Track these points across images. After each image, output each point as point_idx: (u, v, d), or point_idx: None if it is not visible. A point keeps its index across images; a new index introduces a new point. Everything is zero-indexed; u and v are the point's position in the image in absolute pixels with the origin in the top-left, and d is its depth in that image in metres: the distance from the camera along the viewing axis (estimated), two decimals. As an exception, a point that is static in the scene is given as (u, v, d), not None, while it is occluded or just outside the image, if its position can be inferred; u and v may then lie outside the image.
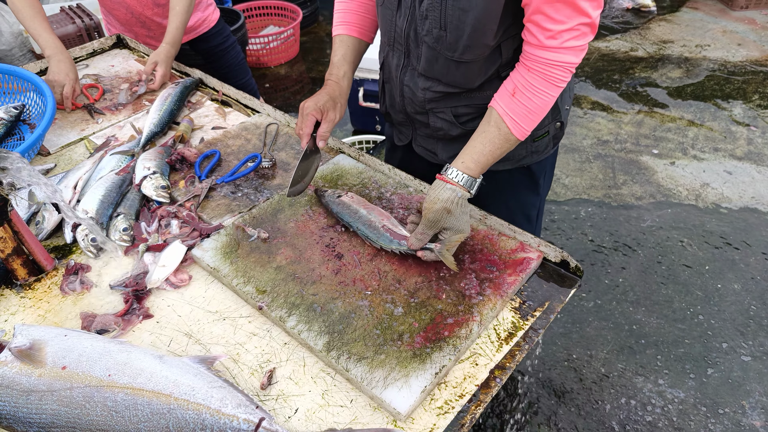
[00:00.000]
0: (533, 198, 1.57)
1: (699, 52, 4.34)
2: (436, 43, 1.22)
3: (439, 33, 1.20)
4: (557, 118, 1.39)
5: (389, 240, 1.22)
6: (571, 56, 1.09)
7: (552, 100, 1.15)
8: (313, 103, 1.31)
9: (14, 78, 1.78)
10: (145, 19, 2.17)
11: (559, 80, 1.12)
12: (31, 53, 4.02)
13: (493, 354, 1.06)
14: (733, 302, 2.44)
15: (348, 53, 1.40)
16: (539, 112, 1.16)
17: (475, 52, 1.20)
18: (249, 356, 1.07)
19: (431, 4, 1.16)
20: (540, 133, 1.38)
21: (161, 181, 1.42)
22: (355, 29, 1.40)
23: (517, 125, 1.16)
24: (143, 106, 1.86)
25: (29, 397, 0.89)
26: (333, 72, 1.39)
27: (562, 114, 1.40)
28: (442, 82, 1.30)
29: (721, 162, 3.24)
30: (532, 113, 1.15)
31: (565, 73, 1.11)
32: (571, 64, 1.11)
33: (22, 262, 1.22)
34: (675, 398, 2.11)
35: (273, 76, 4.32)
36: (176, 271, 1.23)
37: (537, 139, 1.40)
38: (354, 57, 1.41)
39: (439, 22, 1.18)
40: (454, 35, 1.18)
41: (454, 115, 1.35)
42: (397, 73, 1.37)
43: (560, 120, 1.41)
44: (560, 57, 1.09)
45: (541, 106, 1.15)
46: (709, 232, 2.79)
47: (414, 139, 1.51)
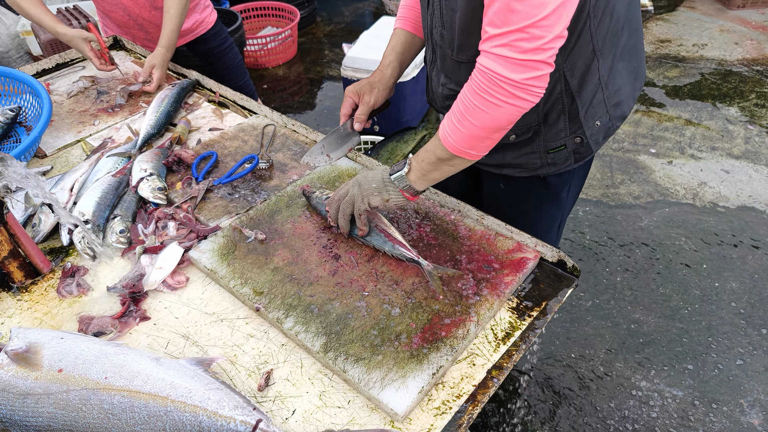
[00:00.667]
0: (554, 210, 1.51)
1: (696, 51, 4.34)
2: (441, 40, 1.26)
3: (441, 31, 1.24)
4: (577, 132, 1.27)
5: (383, 241, 1.22)
6: (498, 66, 0.96)
7: (480, 114, 1.01)
8: (354, 87, 1.40)
9: (10, 80, 1.77)
10: (143, 22, 2.17)
11: (484, 90, 0.99)
12: (28, 55, 4.01)
13: (490, 354, 1.06)
14: (731, 301, 2.44)
15: (398, 45, 1.43)
16: (462, 118, 1.04)
17: (467, 52, 1.20)
18: (246, 358, 1.07)
19: (435, 3, 1.22)
20: (555, 145, 1.30)
21: (158, 183, 1.42)
22: (409, 24, 1.43)
23: (443, 126, 1.09)
24: (140, 107, 1.86)
25: (26, 400, 0.89)
26: (382, 60, 1.44)
27: (586, 129, 1.27)
28: (453, 81, 1.31)
29: (718, 161, 3.25)
30: (455, 116, 1.06)
31: (489, 83, 0.98)
32: (501, 78, 0.96)
33: (18, 265, 1.21)
34: (673, 397, 2.11)
35: (271, 77, 4.32)
36: (173, 273, 1.23)
37: (552, 150, 1.31)
38: (403, 49, 1.43)
39: (441, 20, 1.22)
40: (450, 34, 1.21)
41: None
42: (430, 68, 1.42)
43: (581, 135, 1.28)
44: (486, 62, 0.98)
45: (463, 112, 1.03)
46: (706, 231, 2.80)
47: None
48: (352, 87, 1.40)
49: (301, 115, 3.88)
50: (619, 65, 1.24)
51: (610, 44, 1.19)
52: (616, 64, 1.23)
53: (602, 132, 1.31)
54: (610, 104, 1.28)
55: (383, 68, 1.42)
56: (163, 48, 1.95)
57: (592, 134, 1.29)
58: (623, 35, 1.21)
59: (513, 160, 1.36)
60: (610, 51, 1.20)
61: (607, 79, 1.23)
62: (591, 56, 1.18)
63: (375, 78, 1.41)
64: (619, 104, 1.30)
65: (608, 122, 1.30)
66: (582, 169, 1.44)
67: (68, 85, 2.00)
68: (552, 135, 1.28)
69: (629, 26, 1.22)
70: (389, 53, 1.44)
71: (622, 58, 1.25)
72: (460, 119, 1.05)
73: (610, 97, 1.27)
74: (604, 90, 1.24)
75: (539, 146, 1.31)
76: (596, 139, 1.30)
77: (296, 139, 1.66)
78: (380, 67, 1.43)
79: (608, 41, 1.18)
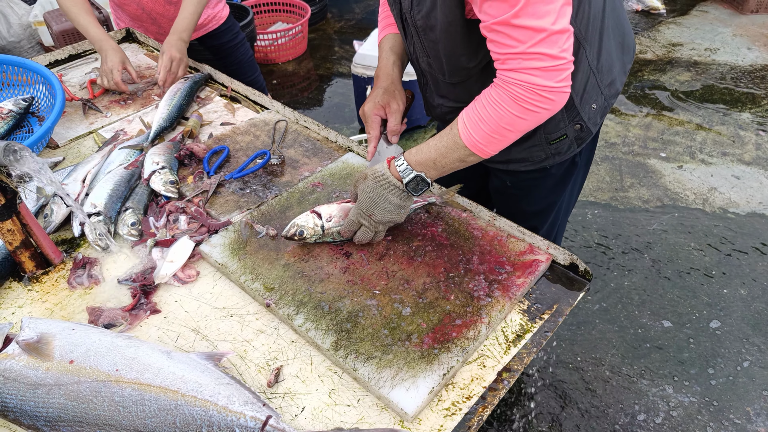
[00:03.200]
0: (560, 201, 1.53)
1: (708, 55, 4.31)
2: (430, 68, 1.30)
3: (428, 60, 1.28)
4: (576, 119, 1.31)
5: None
6: (537, 78, 0.99)
7: (518, 121, 1.05)
8: (371, 103, 1.34)
9: (24, 70, 1.78)
10: (156, 16, 2.17)
11: (524, 101, 1.02)
12: (40, 45, 4.03)
13: (500, 356, 1.05)
14: (740, 307, 2.43)
15: (395, 45, 1.40)
16: (495, 126, 1.06)
17: (460, 75, 1.24)
18: (256, 353, 1.07)
19: (415, 38, 1.24)
20: (556, 135, 1.32)
21: (170, 176, 1.42)
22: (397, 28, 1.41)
23: (467, 131, 1.09)
24: (152, 100, 1.86)
25: (36, 391, 0.89)
26: (381, 65, 1.39)
27: (583, 114, 1.31)
28: (450, 99, 1.36)
29: (728, 167, 3.22)
30: (485, 123, 1.06)
31: (530, 94, 1.01)
32: (539, 87, 1.00)
33: (30, 255, 1.22)
34: (680, 403, 2.09)
35: (281, 72, 4.32)
36: (184, 266, 1.23)
37: (553, 141, 1.34)
38: (400, 49, 1.40)
39: (424, 51, 1.26)
40: (437, 62, 1.26)
41: None
42: (422, 89, 1.45)
43: (580, 122, 1.31)
44: (522, 77, 1.00)
45: (498, 120, 1.05)
46: (716, 236, 2.78)
47: None
48: (369, 105, 1.33)
49: (310, 111, 3.88)
50: (607, 45, 1.27)
51: (593, 29, 1.21)
52: (603, 45, 1.25)
53: (599, 113, 1.34)
54: (603, 85, 1.30)
55: (389, 70, 1.38)
56: (182, 41, 1.92)
57: (590, 118, 1.32)
58: (605, 14, 1.23)
59: (518, 155, 1.37)
60: (595, 35, 1.22)
61: (597, 63, 1.25)
62: (576, 46, 1.18)
63: (385, 82, 1.36)
64: (612, 83, 1.33)
65: (603, 102, 1.34)
66: (586, 155, 1.47)
67: (81, 76, 2.00)
68: (551, 127, 1.31)
69: (610, 3, 1.24)
70: (388, 55, 1.39)
71: (608, 36, 1.27)
72: (493, 128, 1.06)
73: (603, 79, 1.29)
74: (596, 74, 1.27)
75: (540, 139, 1.33)
76: (594, 121, 1.34)
77: (308, 135, 1.65)
78: (385, 70, 1.38)
79: (591, 27, 1.20)
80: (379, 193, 1.16)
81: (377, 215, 1.18)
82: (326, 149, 1.60)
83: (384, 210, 1.17)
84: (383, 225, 1.21)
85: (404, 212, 1.21)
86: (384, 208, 1.17)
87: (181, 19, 1.93)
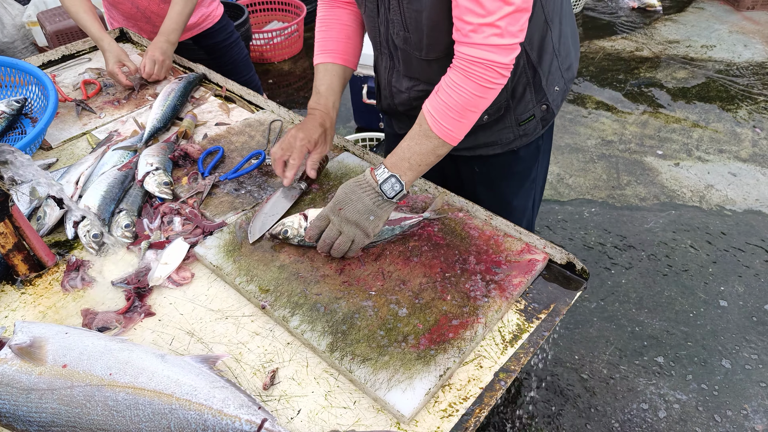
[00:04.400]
0: (528, 186, 1.56)
1: (705, 52, 4.31)
2: (405, 44, 1.27)
3: (405, 35, 1.25)
4: (542, 100, 1.36)
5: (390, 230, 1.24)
6: (495, 54, 1.05)
7: (479, 101, 1.10)
8: (306, 134, 1.33)
9: (16, 71, 1.76)
10: (151, 14, 2.16)
11: (483, 79, 1.07)
12: (34, 45, 4.00)
13: (497, 357, 1.05)
14: (737, 305, 2.43)
15: (334, 82, 1.39)
16: (461, 110, 1.10)
17: (438, 50, 1.23)
18: (251, 356, 1.06)
19: (393, 9, 1.22)
20: (525, 116, 1.37)
21: (164, 178, 1.41)
22: (339, 57, 1.39)
23: (437, 122, 1.12)
24: (146, 101, 1.85)
25: (29, 396, 0.88)
26: (321, 102, 1.38)
27: (549, 96, 1.36)
28: (422, 81, 1.34)
29: (725, 164, 3.23)
30: (452, 111, 1.10)
31: (489, 72, 1.06)
32: (496, 63, 1.06)
33: (23, 258, 1.21)
34: (677, 401, 2.10)
35: (276, 71, 4.31)
36: (178, 268, 1.22)
37: (522, 122, 1.38)
38: (340, 86, 1.41)
39: (402, 25, 1.24)
40: (416, 36, 1.23)
41: None
42: (385, 75, 1.42)
43: (546, 102, 1.37)
44: (482, 54, 1.05)
45: (463, 105, 1.10)
46: (713, 234, 2.78)
47: None
48: (303, 135, 1.32)
49: (305, 110, 3.87)
50: (564, 29, 1.33)
51: (556, 12, 1.27)
52: (563, 30, 1.32)
53: (560, 96, 1.41)
54: (563, 69, 1.38)
55: (328, 110, 1.39)
56: (169, 43, 1.92)
57: (554, 99, 1.39)
58: (563, 1, 1.31)
59: (486, 139, 1.40)
60: (556, 19, 1.28)
61: (558, 46, 1.31)
62: (544, 27, 1.25)
63: (325, 122, 1.37)
64: (570, 67, 1.40)
65: (564, 86, 1.41)
66: (547, 143, 1.53)
67: (74, 77, 1.99)
68: (522, 108, 1.35)
69: None
70: (328, 93, 1.39)
71: (565, 23, 1.33)
72: (461, 113, 1.11)
73: (563, 62, 1.36)
74: (558, 57, 1.32)
75: (511, 121, 1.36)
76: (557, 103, 1.41)
77: (303, 136, 1.64)
78: (323, 108, 1.38)
79: (555, 9, 1.26)
80: (355, 191, 1.16)
81: (346, 211, 1.15)
82: (322, 149, 1.59)
83: (354, 209, 1.15)
84: (349, 227, 1.15)
85: (374, 222, 1.16)
86: (355, 207, 1.15)
87: (169, 20, 1.94)
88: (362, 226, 1.15)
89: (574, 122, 3.62)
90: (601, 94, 3.89)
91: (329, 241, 1.17)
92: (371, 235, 1.17)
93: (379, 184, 1.14)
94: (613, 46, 4.46)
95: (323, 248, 1.18)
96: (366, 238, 1.17)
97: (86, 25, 1.92)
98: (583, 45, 4.50)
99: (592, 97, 3.86)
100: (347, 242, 1.16)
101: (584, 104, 3.79)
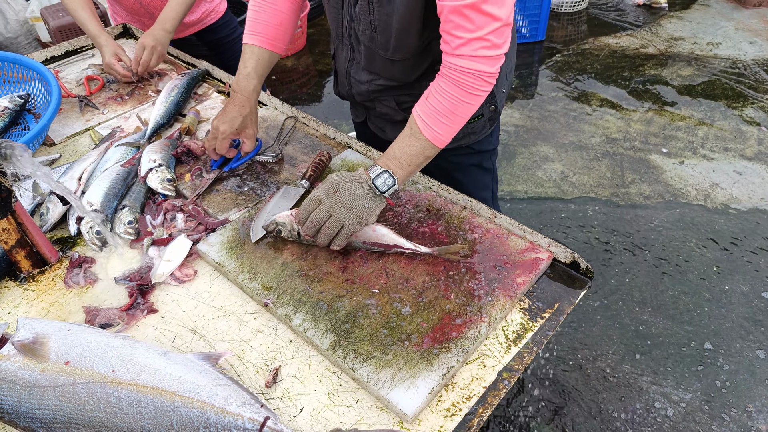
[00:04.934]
0: (484, 177, 1.67)
1: (710, 50, 4.29)
2: (371, 42, 1.32)
3: (371, 34, 1.29)
4: (491, 101, 1.45)
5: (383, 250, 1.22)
6: (483, 65, 1.11)
7: (467, 107, 1.15)
8: (228, 126, 1.38)
9: (19, 67, 1.76)
10: (154, 10, 2.15)
11: (472, 87, 1.12)
12: (37, 41, 4.00)
13: (501, 356, 1.04)
14: (741, 304, 2.42)
15: (259, 66, 1.40)
16: (451, 115, 1.15)
17: (404, 51, 1.29)
18: (254, 353, 1.05)
19: (361, 8, 1.26)
20: (475, 115, 1.43)
21: (167, 174, 1.41)
22: (267, 42, 1.40)
23: (428, 127, 1.16)
24: (149, 97, 1.85)
25: (32, 393, 0.88)
26: (241, 84, 1.39)
27: (497, 98, 1.46)
28: (382, 77, 1.40)
29: (730, 162, 3.21)
30: (442, 116, 1.15)
31: (477, 81, 1.12)
32: (484, 73, 1.11)
33: (25, 254, 1.20)
34: (680, 400, 2.09)
35: (279, 68, 4.29)
36: (181, 265, 1.21)
37: (472, 120, 1.46)
38: (264, 70, 1.43)
39: (370, 25, 1.28)
40: (384, 37, 1.28)
41: (397, 103, 1.46)
42: (345, 65, 1.46)
43: (495, 104, 1.47)
44: (471, 65, 1.10)
45: (452, 110, 1.15)
46: (717, 232, 2.76)
47: (368, 117, 1.63)
48: (226, 128, 1.38)
49: (309, 107, 3.86)
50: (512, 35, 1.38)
51: None
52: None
53: (505, 97, 1.52)
54: (508, 71, 1.47)
55: (248, 95, 1.40)
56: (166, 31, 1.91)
57: (500, 101, 1.49)
58: None
59: None
60: None
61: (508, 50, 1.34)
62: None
63: (244, 109, 1.39)
64: (511, 71, 1.50)
65: (508, 88, 1.52)
66: (496, 139, 1.63)
67: (77, 73, 1.98)
68: None
69: None
70: (251, 76, 1.39)
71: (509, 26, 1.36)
72: (450, 118, 1.15)
73: (508, 65, 1.44)
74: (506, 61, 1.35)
75: None
76: (502, 103, 1.51)
77: (306, 132, 1.64)
78: (243, 93, 1.39)
79: None
80: (350, 179, 1.17)
81: (341, 194, 1.15)
82: (324, 146, 1.58)
83: (350, 194, 1.15)
84: (342, 210, 1.13)
85: (368, 210, 1.15)
86: (351, 192, 1.15)
87: (168, 9, 1.94)
88: (356, 211, 1.14)
89: (578, 120, 3.60)
90: (605, 91, 3.87)
91: (316, 223, 1.15)
92: (363, 223, 1.16)
93: (372, 179, 1.17)
94: (618, 43, 4.44)
95: (309, 230, 1.16)
96: (357, 224, 1.15)
97: (84, 22, 1.91)
98: (588, 42, 4.48)
99: (597, 94, 3.84)
100: (336, 226, 1.14)
101: (588, 102, 3.77)
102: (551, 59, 4.29)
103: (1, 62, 1.77)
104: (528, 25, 4.36)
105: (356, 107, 1.66)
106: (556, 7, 4.87)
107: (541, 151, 3.36)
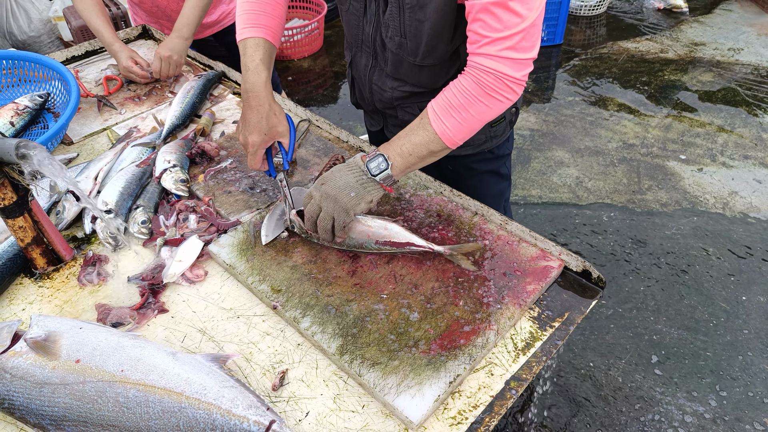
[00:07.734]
0: (498, 184, 1.64)
1: (731, 55, 4.21)
2: (399, 49, 1.30)
3: (400, 40, 1.28)
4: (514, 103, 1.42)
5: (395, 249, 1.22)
6: (506, 67, 1.07)
7: (482, 107, 1.11)
8: (256, 136, 1.23)
9: (40, 66, 1.79)
10: (171, 13, 2.17)
11: (490, 88, 1.09)
12: (59, 40, 4.07)
13: (509, 364, 1.03)
14: (758, 315, 2.37)
15: (266, 58, 1.27)
16: (463, 111, 1.11)
17: (434, 57, 1.28)
18: (262, 356, 1.06)
19: (391, 15, 1.24)
20: (497, 119, 1.40)
21: (181, 175, 1.42)
22: (269, 33, 1.29)
23: (437, 118, 1.13)
24: (166, 97, 1.87)
25: (42, 390, 0.90)
26: (251, 80, 1.24)
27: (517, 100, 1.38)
28: (408, 83, 1.38)
29: (750, 170, 3.15)
30: (454, 110, 1.11)
31: (498, 82, 1.08)
32: (506, 76, 1.08)
33: (41, 252, 1.22)
34: (694, 412, 2.05)
35: (296, 69, 4.32)
36: (192, 266, 1.23)
37: (494, 124, 1.45)
38: (270, 63, 1.30)
39: (399, 31, 1.26)
40: (414, 43, 1.26)
41: (420, 110, 1.40)
42: (365, 72, 1.44)
43: (515, 106, 1.47)
44: (493, 65, 1.07)
45: (465, 106, 1.11)
46: (735, 242, 2.71)
47: (385, 126, 1.60)
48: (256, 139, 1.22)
49: (324, 108, 3.87)
50: None
51: None
52: None
53: (522, 98, 1.49)
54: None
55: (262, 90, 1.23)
56: (183, 38, 1.93)
57: (518, 103, 1.48)
58: None
59: None
60: None
61: None
62: None
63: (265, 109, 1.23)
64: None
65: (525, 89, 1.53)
66: (512, 142, 1.61)
67: (96, 73, 2.01)
68: None
69: None
70: (259, 66, 1.25)
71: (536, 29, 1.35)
72: (462, 114, 1.12)
73: None
74: None
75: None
76: (518, 106, 1.51)
77: (319, 135, 1.64)
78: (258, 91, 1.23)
79: None
80: (341, 169, 1.17)
81: (327, 186, 1.15)
82: (337, 149, 1.59)
83: (335, 184, 1.15)
84: (328, 202, 1.14)
85: (355, 199, 1.14)
86: (336, 182, 1.15)
87: (182, 16, 1.96)
88: (341, 202, 1.14)
89: (594, 124, 3.57)
90: (623, 96, 3.82)
91: (309, 216, 1.18)
92: (350, 213, 1.15)
93: (366, 163, 1.16)
94: (638, 48, 4.38)
95: (308, 225, 1.19)
96: (345, 215, 1.15)
97: (98, 29, 1.93)
98: (606, 46, 4.43)
99: (615, 99, 3.80)
100: (327, 219, 1.15)
101: (606, 106, 3.73)
102: (569, 63, 4.25)
103: (23, 62, 1.80)
104: (546, 28, 4.33)
105: (373, 116, 1.62)
106: (575, 11, 4.83)
107: (556, 156, 3.32)
